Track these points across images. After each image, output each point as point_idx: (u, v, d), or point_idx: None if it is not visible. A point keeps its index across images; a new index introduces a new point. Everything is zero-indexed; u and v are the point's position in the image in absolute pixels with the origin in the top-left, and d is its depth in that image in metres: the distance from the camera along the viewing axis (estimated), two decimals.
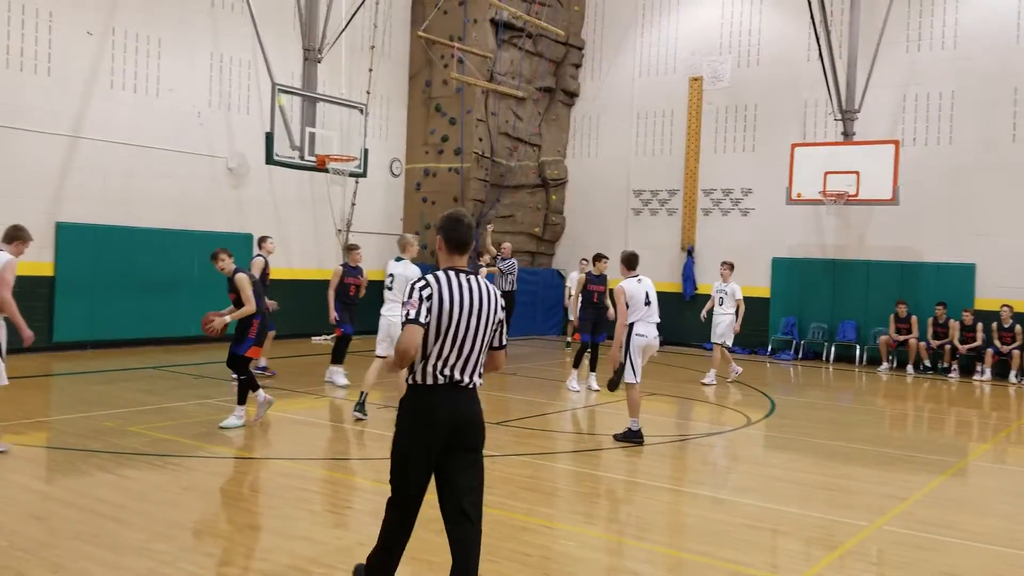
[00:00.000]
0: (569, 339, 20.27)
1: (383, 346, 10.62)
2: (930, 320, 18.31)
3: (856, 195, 17.80)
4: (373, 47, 20.53)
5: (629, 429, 10.09)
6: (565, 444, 10.36)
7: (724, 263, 16.19)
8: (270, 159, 15.47)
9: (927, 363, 18.21)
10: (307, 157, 15.70)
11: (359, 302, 13.36)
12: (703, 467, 9.54)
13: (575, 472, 8.89)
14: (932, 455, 10.18)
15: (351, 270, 13.22)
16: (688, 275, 21.87)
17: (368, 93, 19.84)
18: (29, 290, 14.17)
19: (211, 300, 18.04)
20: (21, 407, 10.75)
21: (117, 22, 16.65)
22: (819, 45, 18.30)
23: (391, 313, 10.42)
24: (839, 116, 18.88)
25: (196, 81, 18.02)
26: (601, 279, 14.15)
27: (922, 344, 18.20)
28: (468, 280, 4.65)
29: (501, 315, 4.77)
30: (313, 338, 19.39)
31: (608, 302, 14.03)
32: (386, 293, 10.76)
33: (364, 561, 4.96)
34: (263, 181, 19.14)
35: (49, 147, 15.74)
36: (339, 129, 16.69)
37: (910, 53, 19.47)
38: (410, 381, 4.62)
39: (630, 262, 10.29)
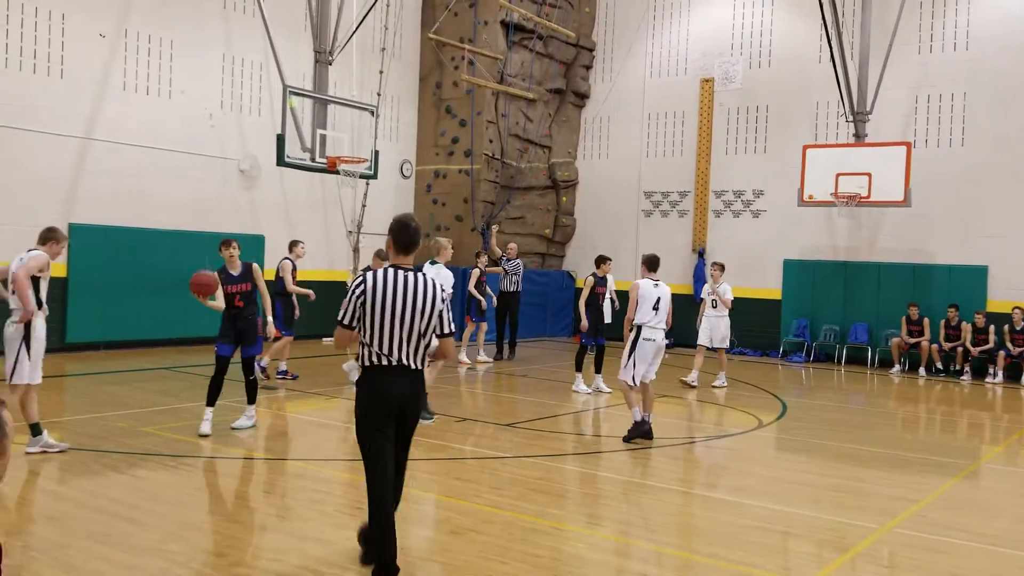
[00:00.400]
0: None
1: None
2: (942, 322, 18.25)
3: (868, 197, 17.74)
4: (384, 49, 20.56)
5: (634, 423, 10.11)
6: (575, 446, 10.36)
7: (714, 264, 16.15)
8: (281, 161, 15.51)
9: (939, 365, 18.14)
10: (318, 159, 15.75)
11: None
12: (713, 469, 9.52)
13: (585, 474, 8.89)
14: (944, 457, 10.15)
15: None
16: (699, 277, 21.80)
17: (379, 95, 19.87)
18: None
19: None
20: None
21: (129, 24, 16.73)
22: (831, 46, 18.25)
23: None
24: (851, 117, 18.83)
25: (208, 83, 18.08)
26: (604, 281, 14.12)
27: (934, 346, 18.13)
28: (406, 275, 5.35)
29: (440, 306, 5.41)
30: (324, 339, 19.42)
31: (604, 304, 14.13)
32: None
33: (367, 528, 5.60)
34: (274, 183, 19.20)
35: (62, 149, 15.82)
36: (350, 131, 16.75)
37: (922, 54, 19.41)
38: (362, 363, 5.37)
39: (651, 264, 10.39)
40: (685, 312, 22.08)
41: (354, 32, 17.27)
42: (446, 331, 5.50)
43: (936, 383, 17.28)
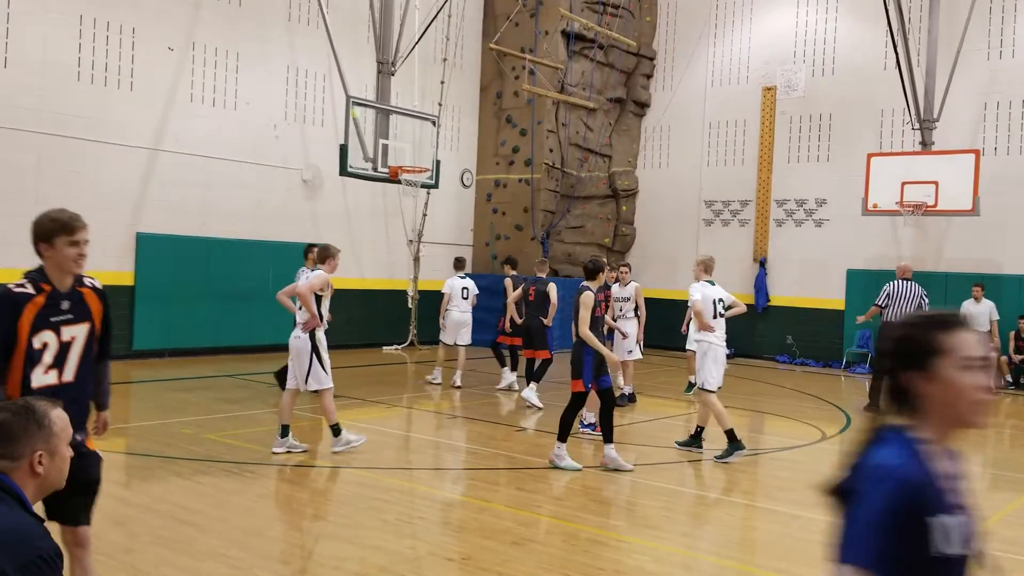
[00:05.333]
0: None
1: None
2: (1012, 333, 17.77)
3: (935, 206, 17.38)
4: (445, 60, 20.71)
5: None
6: (638, 456, 10.27)
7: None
8: (344, 171, 15.67)
9: (1008, 378, 17.67)
10: (380, 168, 15.88)
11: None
12: (777, 482, 9.37)
13: (647, 485, 8.81)
14: (1014, 473, 9.87)
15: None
16: (760, 286, 21.57)
17: (440, 105, 20.01)
18: (115, 300, 14.52)
19: (286, 310, 18.36)
20: None
21: (197, 37, 17.06)
22: (896, 53, 17.93)
23: None
24: (917, 125, 18.47)
25: (272, 94, 18.36)
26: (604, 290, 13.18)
27: (1003, 358, 17.67)
28: None
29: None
30: (384, 348, 19.56)
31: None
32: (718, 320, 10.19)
33: None
34: (337, 192, 19.40)
35: (131, 160, 16.17)
36: (411, 141, 16.87)
37: (991, 60, 18.97)
38: None
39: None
40: (746, 322, 21.88)
41: (416, 43, 17.41)
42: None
43: (1005, 396, 16.83)
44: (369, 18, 17.33)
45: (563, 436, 8.97)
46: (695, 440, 10.27)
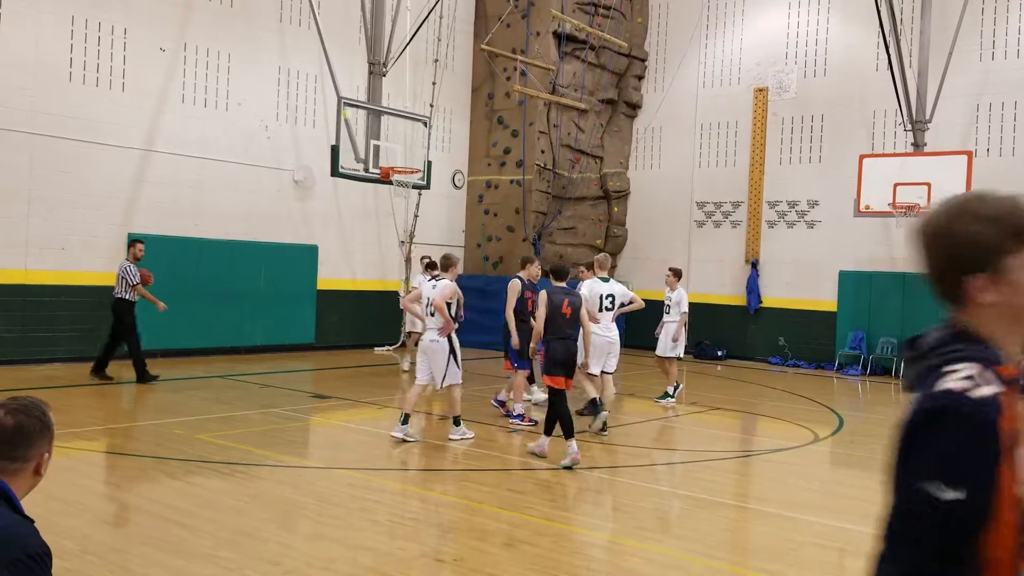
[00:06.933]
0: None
1: (611, 362, 11.67)
2: None
3: (927, 207, 17.38)
4: (437, 60, 20.69)
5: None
6: (629, 458, 10.27)
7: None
8: (335, 171, 15.65)
9: None
10: (371, 169, 15.85)
11: None
12: (769, 483, 9.38)
13: (640, 487, 8.80)
14: None
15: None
16: (752, 288, 21.60)
17: (431, 106, 19.99)
18: (101, 300, 14.51)
19: (277, 310, 18.37)
20: (93, 414, 11.01)
21: (188, 38, 17.02)
22: (888, 54, 17.97)
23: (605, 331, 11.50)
24: (909, 126, 18.51)
25: (264, 95, 18.33)
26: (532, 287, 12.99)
27: None
28: None
29: None
30: (376, 349, 19.53)
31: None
32: (604, 313, 11.49)
33: None
34: (328, 193, 19.38)
35: (122, 160, 16.13)
36: (403, 142, 16.84)
37: (983, 61, 19.01)
38: None
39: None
40: (738, 325, 21.92)
41: (407, 44, 17.38)
42: None
43: None
44: (360, 19, 17.30)
45: (547, 430, 9.48)
46: (594, 408, 11.12)
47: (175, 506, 7.09)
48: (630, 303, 11.95)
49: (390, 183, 16.36)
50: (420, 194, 19.53)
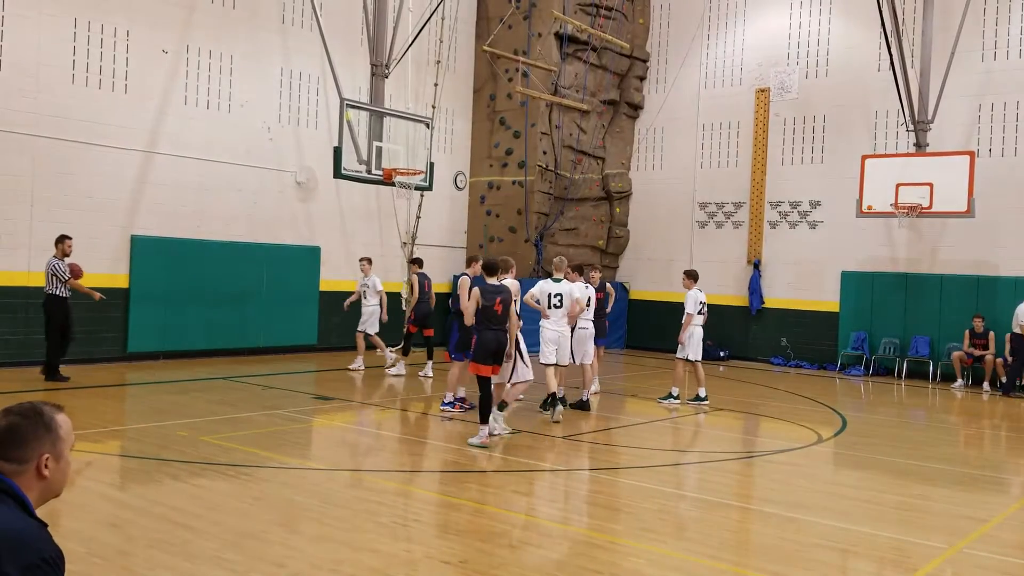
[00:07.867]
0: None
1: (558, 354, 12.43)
2: (1008, 336, 17.78)
3: (929, 207, 17.41)
4: (439, 62, 20.69)
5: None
6: (632, 459, 10.27)
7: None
8: (338, 173, 15.65)
9: (1004, 380, 17.69)
10: (374, 171, 15.86)
11: None
12: (772, 484, 9.38)
13: (644, 488, 8.80)
14: (1013, 476, 9.89)
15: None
16: (755, 289, 21.60)
17: (434, 107, 19.98)
18: (104, 301, 14.52)
19: (280, 312, 18.38)
20: (97, 416, 11.01)
21: (191, 40, 17.03)
22: (890, 54, 17.97)
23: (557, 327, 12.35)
24: (911, 127, 18.50)
25: (266, 97, 18.34)
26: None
27: (999, 360, 17.68)
28: None
29: None
30: (377, 350, 19.50)
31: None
32: (553, 310, 12.32)
33: None
34: (331, 195, 19.39)
35: (125, 162, 16.15)
36: (405, 143, 16.84)
37: (985, 62, 19.00)
38: None
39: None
40: (740, 325, 21.91)
41: (410, 46, 17.39)
42: None
43: (1000, 398, 16.86)
44: (362, 21, 17.32)
45: (483, 418, 10.15)
46: (554, 402, 11.86)
47: (180, 508, 7.10)
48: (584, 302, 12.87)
49: (392, 184, 16.36)
50: (422, 195, 19.53)
